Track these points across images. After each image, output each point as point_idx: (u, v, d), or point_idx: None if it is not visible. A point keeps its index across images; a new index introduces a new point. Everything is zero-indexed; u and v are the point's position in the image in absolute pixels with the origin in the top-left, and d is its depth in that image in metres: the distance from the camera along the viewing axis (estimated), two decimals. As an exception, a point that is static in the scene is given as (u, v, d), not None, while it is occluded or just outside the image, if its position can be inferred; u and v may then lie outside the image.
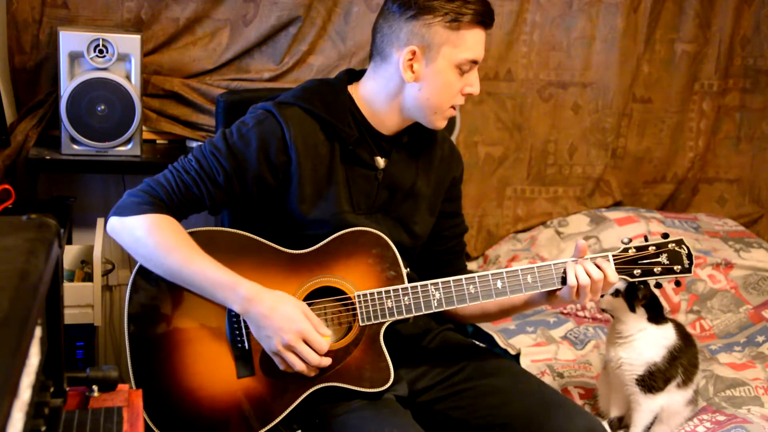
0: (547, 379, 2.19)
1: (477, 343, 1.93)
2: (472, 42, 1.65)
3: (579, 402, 2.10)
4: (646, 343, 1.89)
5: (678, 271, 1.72)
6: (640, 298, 1.89)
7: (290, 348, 1.57)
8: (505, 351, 2.34)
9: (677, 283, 1.75)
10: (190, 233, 1.62)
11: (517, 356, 2.31)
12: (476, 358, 1.81)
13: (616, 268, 1.70)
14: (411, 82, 1.66)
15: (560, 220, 3.01)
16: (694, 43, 3.09)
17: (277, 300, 1.58)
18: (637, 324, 1.90)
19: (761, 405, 2.09)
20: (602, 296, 1.88)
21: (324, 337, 1.59)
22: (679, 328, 1.96)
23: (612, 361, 1.93)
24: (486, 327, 2.47)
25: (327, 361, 1.61)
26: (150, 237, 1.58)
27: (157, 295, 1.64)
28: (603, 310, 1.94)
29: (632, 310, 1.90)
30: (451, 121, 2.79)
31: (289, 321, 1.56)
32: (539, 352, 2.35)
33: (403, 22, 1.64)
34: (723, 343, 2.52)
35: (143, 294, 1.64)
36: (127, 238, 1.61)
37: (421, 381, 1.79)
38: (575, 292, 1.66)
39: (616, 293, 1.90)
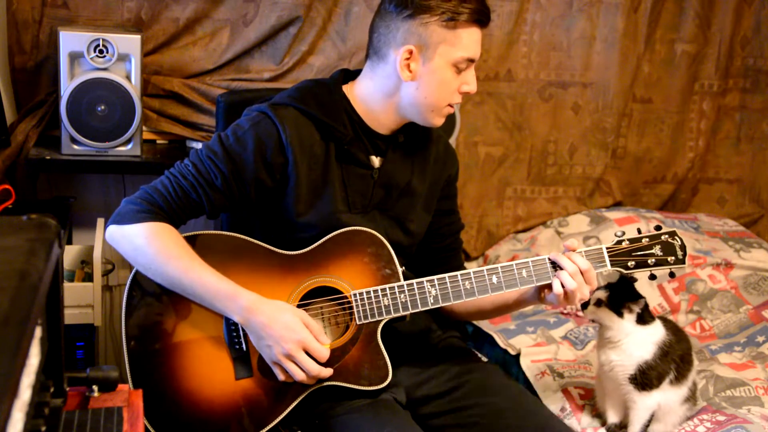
0: (547, 380, 2.19)
1: (480, 356, 1.92)
2: (469, 41, 1.65)
3: (579, 402, 2.10)
4: (635, 344, 1.89)
5: (672, 262, 1.72)
6: (635, 309, 1.89)
7: (290, 357, 1.57)
8: (505, 351, 2.34)
9: (671, 275, 1.75)
10: (185, 237, 1.62)
11: (517, 356, 2.30)
12: (479, 374, 1.80)
13: (610, 261, 1.70)
14: (408, 81, 1.66)
15: (560, 220, 3.01)
16: (694, 43, 3.09)
17: (277, 309, 1.58)
18: (625, 328, 1.89)
19: (761, 405, 2.09)
20: (585, 307, 1.88)
21: (323, 346, 1.59)
22: (669, 324, 1.96)
23: (604, 364, 1.93)
24: (486, 327, 2.47)
25: (328, 372, 1.60)
26: (149, 246, 1.58)
27: (154, 298, 1.64)
28: (592, 321, 1.94)
29: (620, 315, 1.89)
30: (451, 122, 2.80)
31: (289, 330, 1.56)
32: (539, 352, 2.35)
33: (399, 22, 1.64)
34: (723, 343, 2.51)
35: (140, 297, 1.64)
36: (127, 247, 1.61)
37: (421, 389, 1.78)
38: (564, 295, 1.65)
39: (599, 303, 1.90)
